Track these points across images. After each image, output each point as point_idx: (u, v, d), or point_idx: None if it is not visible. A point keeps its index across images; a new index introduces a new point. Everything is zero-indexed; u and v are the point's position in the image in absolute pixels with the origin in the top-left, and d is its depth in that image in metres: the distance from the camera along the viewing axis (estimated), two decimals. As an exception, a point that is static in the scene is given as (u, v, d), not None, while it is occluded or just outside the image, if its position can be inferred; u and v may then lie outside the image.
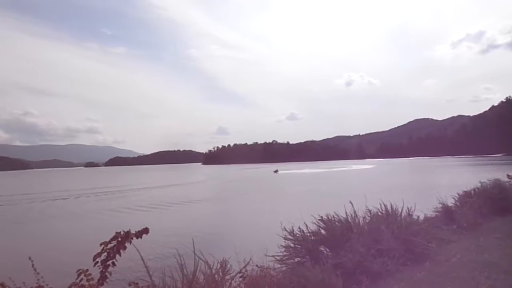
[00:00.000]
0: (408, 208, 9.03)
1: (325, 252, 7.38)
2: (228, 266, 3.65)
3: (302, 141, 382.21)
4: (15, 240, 27.86)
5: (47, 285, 3.09)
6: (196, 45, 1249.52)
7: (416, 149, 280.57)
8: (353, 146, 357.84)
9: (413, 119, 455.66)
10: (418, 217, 9.38)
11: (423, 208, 11.29)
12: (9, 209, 46.21)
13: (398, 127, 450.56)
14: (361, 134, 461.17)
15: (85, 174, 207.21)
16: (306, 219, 8.16)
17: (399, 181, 63.35)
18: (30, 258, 3.35)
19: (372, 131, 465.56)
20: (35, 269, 3.23)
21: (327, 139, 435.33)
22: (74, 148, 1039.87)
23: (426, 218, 10.94)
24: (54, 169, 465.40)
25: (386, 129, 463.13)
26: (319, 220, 7.94)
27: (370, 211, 8.80)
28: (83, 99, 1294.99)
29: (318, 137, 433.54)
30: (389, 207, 8.86)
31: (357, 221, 8.17)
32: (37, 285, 3.05)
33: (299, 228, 7.58)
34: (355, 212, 8.40)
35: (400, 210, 8.80)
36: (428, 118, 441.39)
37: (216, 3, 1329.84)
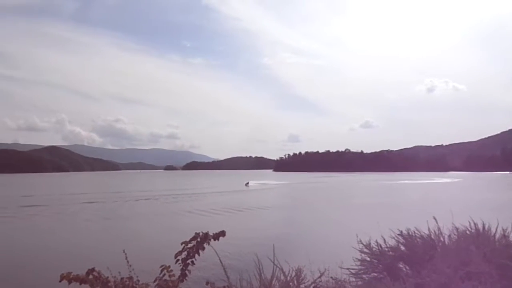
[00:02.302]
0: (503, 229, 8.04)
1: (404, 269, 6.87)
2: (303, 275, 3.59)
3: (377, 150, 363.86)
4: (108, 234, 30.89)
5: (137, 276, 3.34)
6: (269, 53, 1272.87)
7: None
8: (435, 157, 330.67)
9: (507, 129, 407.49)
10: (517, 239, 8.31)
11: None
12: (103, 206, 51.38)
13: (490, 137, 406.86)
14: (444, 144, 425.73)
15: (165, 176, 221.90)
16: (383, 232, 7.73)
17: (491, 197, 57.13)
18: (124, 251, 3.66)
19: (458, 141, 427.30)
20: (127, 261, 3.52)
21: (405, 149, 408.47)
22: (156, 152, 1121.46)
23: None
24: (141, 171, 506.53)
25: (475, 140, 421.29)
26: (398, 235, 7.44)
27: (457, 229, 8.02)
28: (165, 107, 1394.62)
29: (395, 147, 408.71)
30: (479, 226, 7.98)
31: (441, 239, 7.49)
32: (129, 276, 3.32)
33: (376, 241, 7.18)
34: (439, 229, 7.71)
35: (493, 230, 7.88)
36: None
37: (288, 11, 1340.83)
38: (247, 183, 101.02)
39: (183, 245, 3.69)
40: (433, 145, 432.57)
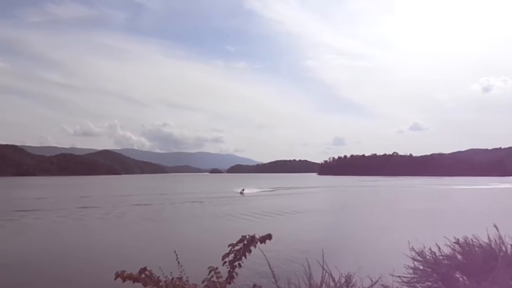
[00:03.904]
0: None
1: (461, 279, 6.42)
2: (353, 281, 3.47)
3: (428, 153, 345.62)
4: (157, 235, 32.09)
5: (187, 277, 3.42)
6: (312, 55, 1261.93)
7: None
8: (492, 161, 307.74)
9: None
10: None
11: None
12: (152, 208, 53.53)
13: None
14: (502, 147, 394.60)
15: (210, 180, 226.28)
16: (436, 240, 7.29)
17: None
18: (175, 252, 3.77)
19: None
20: (178, 262, 3.62)
21: (458, 152, 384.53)
22: (202, 155, 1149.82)
23: None
24: (189, 174, 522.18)
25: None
26: (454, 243, 6.98)
27: (521, 238, 7.39)
28: (210, 111, 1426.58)
29: (447, 150, 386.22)
30: (548, 235, 7.30)
31: (503, 248, 6.92)
32: (179, 276, 3.40)
33: (430, 249, 6.79)
34: (500, 237, 7.13)
35: None
36: None
37: (332, 12, 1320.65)
38: (242, 190, 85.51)
39: (230, 247, 3.70)
40: (489, 148, 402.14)
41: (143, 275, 3.39)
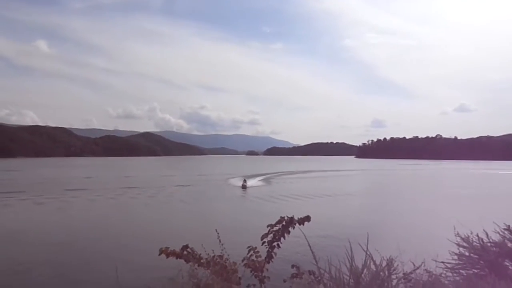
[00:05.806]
0: None
1: (511, 268, 6.11)
2: (395, 265, 3.39)
3: (474, 136, 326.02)
4: (197, 214, 33.21)
5: (228, 255, 3.52)
6: (351, 34, 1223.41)
7: None
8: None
9: None
10: None
11: None
12: (192, 189, 55.23)
13: None
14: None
15: (246, 162, 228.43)
16: (484, 226, 6.95)
17: None
18: (216, 231, 3.88)
19: None
20: (219, 240, 3.74)
21: (509, 135, 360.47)
22: (238, 138, 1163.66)
23: None
24: (226, 156, 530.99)
25: None
26: (504, 229, 6.62)
27: None
28: (246, 93, 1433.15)
29: (496, 133, 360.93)
30: None
31: (559, 236, 6.48)
32: (220, 254, 3.51)
33: (477, 235, 6.48)
34: (556, 225, 6.69)
35: None
36: None
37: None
38: (244, 182, 61.60)
39: (269, 228, 3.75)
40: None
41: (185, 252, 3.53)
